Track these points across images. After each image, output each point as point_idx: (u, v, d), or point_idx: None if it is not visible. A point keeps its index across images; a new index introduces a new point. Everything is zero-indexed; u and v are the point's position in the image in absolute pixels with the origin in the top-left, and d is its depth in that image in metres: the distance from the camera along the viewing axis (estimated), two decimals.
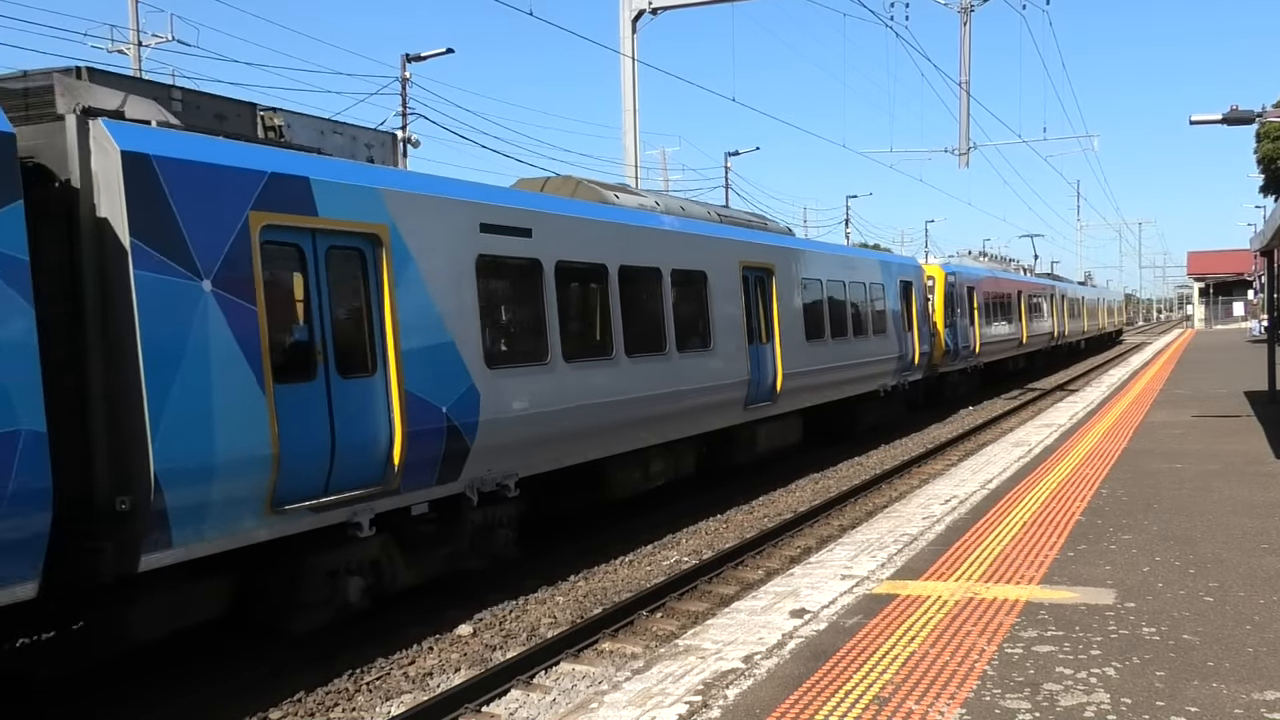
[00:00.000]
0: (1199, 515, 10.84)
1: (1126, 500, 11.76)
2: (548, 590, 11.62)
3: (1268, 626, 7.12)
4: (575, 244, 12.46)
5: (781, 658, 6.85)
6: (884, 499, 16.19)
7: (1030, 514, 11.15)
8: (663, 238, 14.57)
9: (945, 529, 10.63)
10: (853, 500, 16.20)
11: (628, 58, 25.83)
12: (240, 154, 8.37)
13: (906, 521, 11.19)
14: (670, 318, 14.35)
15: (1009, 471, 14.19)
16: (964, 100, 32.51)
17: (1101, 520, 10.68)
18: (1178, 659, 6.52)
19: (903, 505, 12.53)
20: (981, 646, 6.86)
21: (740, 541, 13.35)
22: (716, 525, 14.81)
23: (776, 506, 16.06)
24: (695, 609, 10.77)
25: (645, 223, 14.34)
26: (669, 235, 14.76)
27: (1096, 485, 12.77)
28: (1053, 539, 9.91)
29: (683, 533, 14.42)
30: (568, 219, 12.45)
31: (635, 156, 25.77)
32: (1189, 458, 14.75)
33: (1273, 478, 12.99)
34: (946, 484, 13.67)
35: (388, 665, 9.31)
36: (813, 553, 11.37)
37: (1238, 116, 18.79)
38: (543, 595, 11.43)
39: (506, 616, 10.65)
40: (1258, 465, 14.01)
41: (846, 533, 11.81)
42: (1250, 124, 20.27)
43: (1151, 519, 10.70)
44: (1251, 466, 13.91)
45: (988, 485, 13.14)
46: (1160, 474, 13.52)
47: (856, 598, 8.19)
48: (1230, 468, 13.86)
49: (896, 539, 10.26)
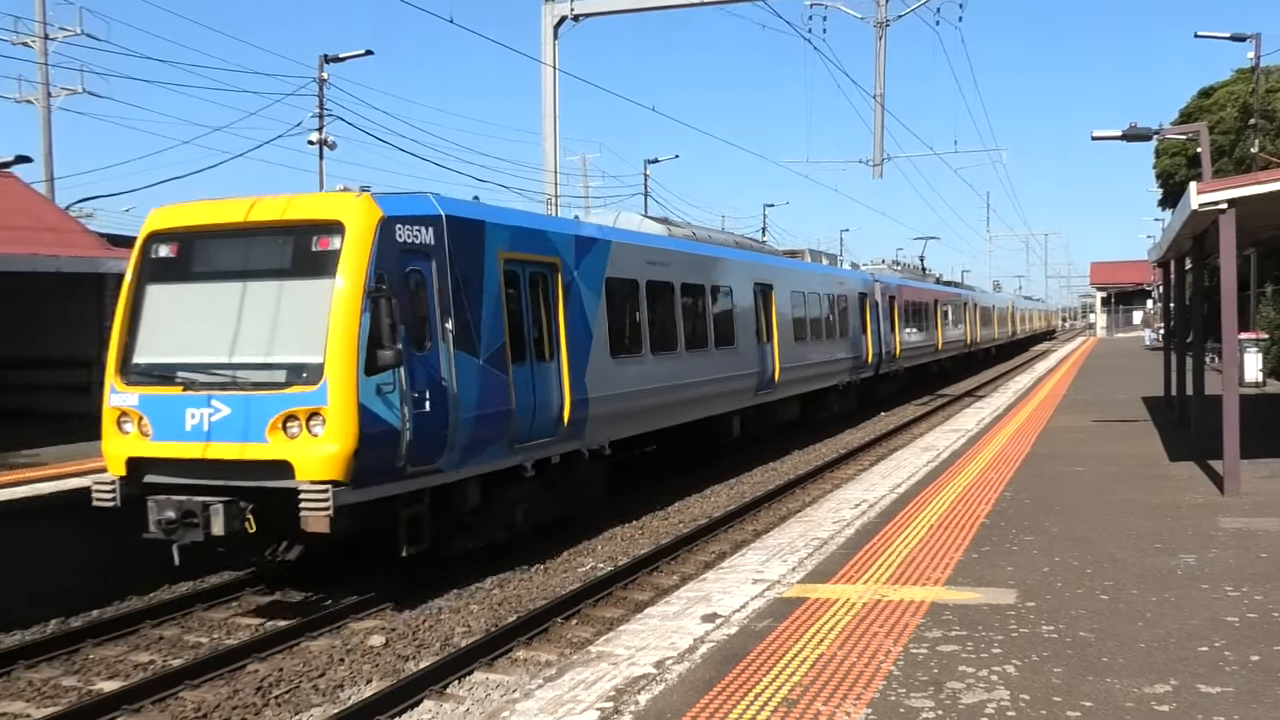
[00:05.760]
0: (1097, 517, 11.15)
1: (1029, 503, 12.04)
2: (463, 599, 11.54)
3: (1158, 623, 7.36)
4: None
5: (693, 662, 6.89)
6: (797, 504, 16.36)
7: (937, 517, 11.36)
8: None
9: (855, 533, 10.77)
10: (767, 505, 16.36)
11: (549, 66, 25.78)
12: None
13: (818, 526, 11.31)
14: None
15: (918, 475, 14.44)
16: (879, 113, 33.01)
17: (1005, 523, 10.92)
18: (1074, 656, 6.71)
19: (815, 510, 12.67)
20: (888, 647, 6.98)
21: (656, 548, 13.40)
22: (632, 532, 14.84)
23: (692, 512, 16.15)
24: (610, 615, 10.78)
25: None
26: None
27: (1001, 488, 13.05)
28: (958, 541, 10.11)
29: (599, 539, 14.42)
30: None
31: (555, 163, 25.73)
32: (1089, 461, 15.15)
33: (1166, 480, 13.41)
34: (857, 488, 13.85)
35: (297, 677, 9.17)
36: (726, 557, 11.44)
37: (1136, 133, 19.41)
38: (457, 604, 11.35)
39: (420, 626, 10.55)
40: (1153, 468, 14.45)
41: (760, 537, 11.91)
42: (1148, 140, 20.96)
43: (1052, 521, 10.97)
44: (1147, 469, 14.33)
45: (897, 489, 13.35)
46: (1062, 477, 13.86)
47: (768, 601, 8.27)
48: (1127, 471, 14.27)
49: (808, 543, 10.38)
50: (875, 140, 30.15)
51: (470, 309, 11.78)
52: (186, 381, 10.59)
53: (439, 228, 11.47)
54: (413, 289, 11.03)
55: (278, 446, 10.16)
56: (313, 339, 10.32)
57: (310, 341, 10.32)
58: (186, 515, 10.22)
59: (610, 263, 15.28)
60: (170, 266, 11.24)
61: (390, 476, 10.61)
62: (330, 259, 10.52)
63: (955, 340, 45.85)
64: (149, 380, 10.80)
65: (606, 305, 14.97)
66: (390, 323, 10.33)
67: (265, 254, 10.89)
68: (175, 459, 10.48)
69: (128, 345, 11.12)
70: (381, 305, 10.34)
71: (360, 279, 10.41)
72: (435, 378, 11.09)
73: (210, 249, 11.17)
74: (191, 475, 10.43)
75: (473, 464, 11.88)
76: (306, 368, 10.27)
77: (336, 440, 10.07)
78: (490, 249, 12.35)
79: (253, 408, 10.23)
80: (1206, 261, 19.37)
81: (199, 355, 10.77)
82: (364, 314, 10.31)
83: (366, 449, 10.19)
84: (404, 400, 10.59)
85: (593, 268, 14.77)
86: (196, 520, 10.17)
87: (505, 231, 12.75)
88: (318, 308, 10.38)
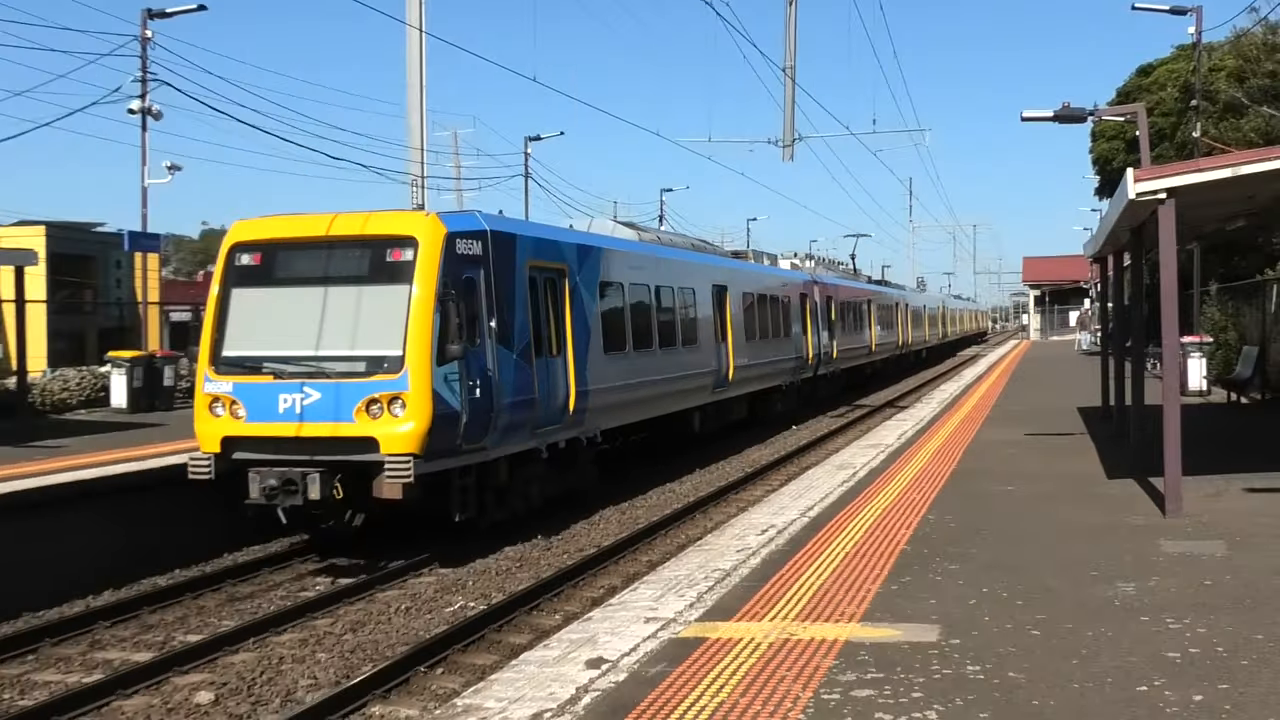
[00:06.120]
0: (1029, 541, 11.42)
1: (955, 527, 12.28)
2: (308, 646, 11.30)
3: (1094, 659, 7.54)
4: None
5: (575, 715, 6.83)
6: (697, 530, 16.44)
7: (853, 544, 11.50)
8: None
9: (761, 562, 10.85)
10: (663, 532, 16.42)
11: (414, 28, 25.49)
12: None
13: (719, 555, 11.37)
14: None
15: (832, 497, 14.63)
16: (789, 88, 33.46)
17: (928, 549, 11.10)
18: (1003, 699, 6.82)
19: (716, 537, 12.74)
20: (796, 693, 7.02)
21: (536, 582, 13.32)
22: (509, 564, 14.73)
23: (578, 542, 16.09)
24: (481, 662, 10.67)
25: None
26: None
27: (924, 511, 13.27)
28: (876, 571, 10.25)
29: (468, 571, 14.31)
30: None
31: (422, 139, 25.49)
32: (1021, 479, 15.53)
33: (1104, 499, 13.80)
34: (765, 512, 13.97)
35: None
36: (617, 593, 11.43)
37: (1069, 114, 19.97)
38: (302, 652, 11.11)
39: (257, 679, 10.30)
40: (1090, 486, 14.86)
41: (655, 569, 11.92)
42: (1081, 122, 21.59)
43: (980, 547, 11.20)
44: (1084, 487, 14.75)
45: (809, 513, 13.50)
46: (991, 497, 14.17)
47: (662, 643, 8.26)
48: (1062, 489, 14.65)
49: (708, 575, 10.42)
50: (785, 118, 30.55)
51: (507, 310, 15.47)
52: (275, 371, 14.01)
53: (485, 241, 15.15)
54: (467, 293, 14.60)
55: (363, 425, 13.63)
56: (392, 335, 13.84)
57: (390, 337, 13.84)
58: (287, 483, 13.58)
59: (602, 268, 19.26)
60: (254, 273, 14.73)
61: (451, 453, 14.17)
62: (405, 268, 14.07)
63: (887, 343, 49.01)
64: (240, 370, 14.17)
65: (600, 306, 18.92)
66: (457, 322, 14.09)
67: (346, 263, 14.45)
68: (268, 437, 13.88)
69: (218, 340, 14.56)
70: (449, 307, 14.01)
71: (432, 285, 13.97)
72: (484, 369, 14.72)
73: (293, 258, 14.71)
74: (282, 451, 13.80)
75: (506, 445, 15.54)
76: (387, 359, 13.79)
77: (415, 419, 13.60)
78: (520, 258, 16.14)
79: (342, 393, 13.71)
80: (1147, 257, 20.00)
81: (285, 349, 14.22)
82: (435, 315, 13.87)
83: (436, 428, 13.75)
84: (463, 388, 14.17)
85: (590, 272, 18.68)
86: (296, 488, 13.55)
87: (531, 242, 16.70)
88: (395, 309, 13.89)
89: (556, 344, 17.11)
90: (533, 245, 16.67)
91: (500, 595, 13.06)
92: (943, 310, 79.35)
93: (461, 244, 14.62)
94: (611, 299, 19.63)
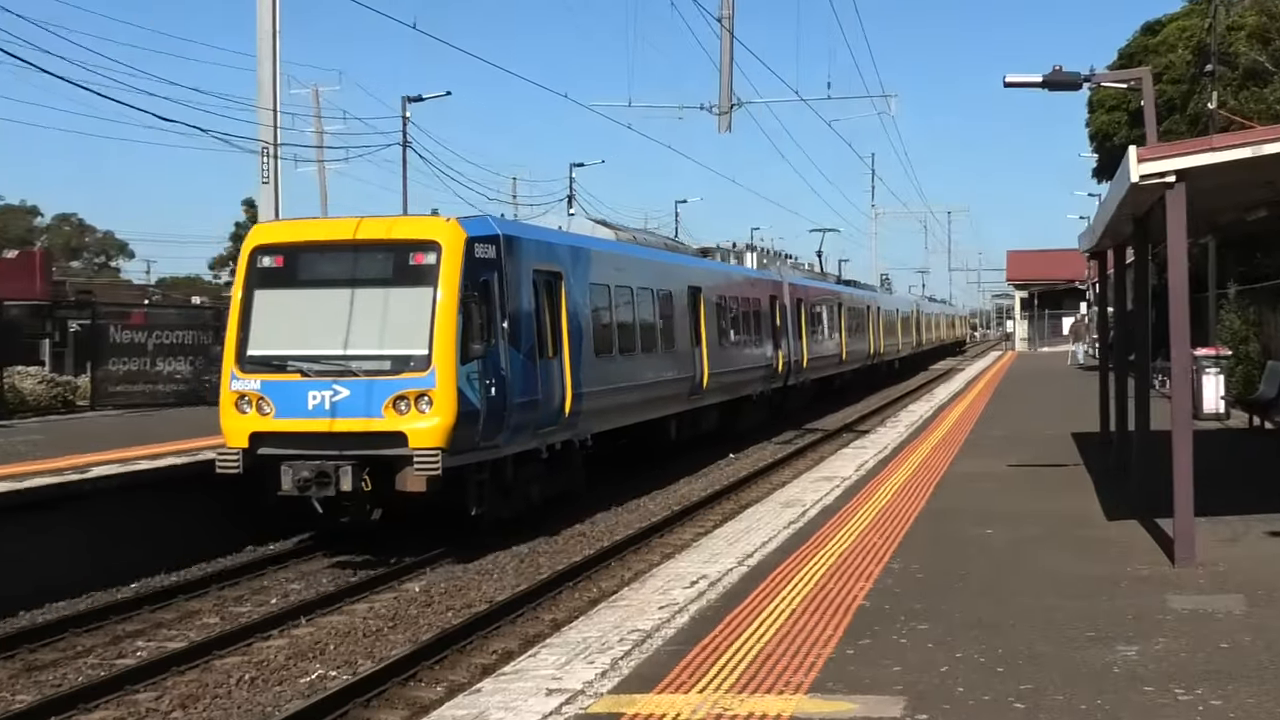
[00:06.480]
0: (1012, 596, 11.57)
1: (923, 578, 12.41)
2: None
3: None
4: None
5: None
6: (612, 581, 16.50)
7: (801, 598, 11.56)
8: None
9: (690, 621, 10.88)
10: (571, 585, 16.44)
11: None
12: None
13: (639, 612, 11.40)
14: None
15: (776, 541, 14.72)
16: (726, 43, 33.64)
17: (891, 605, 11.20)
18: None
19: (636, 590, 12.77)
20: None
21: (414, 647, 13.27)
22: (379, 623, 14.67)
23: (466, 596, 16.06)
24: None
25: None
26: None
27: (887, 558, 13.40)
28: (829, 631, 10.32)
29: (327, 630, 14.20)
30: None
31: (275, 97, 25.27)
32: (1003, 520, 15.73)
33: (1102, 544, 14.04)
34: (695, 559, 14.02)
35: None
36: (514, 658, 11.41)
37: (1061, 80, 20.31)
38: None
39: None
40: (1085, 528, 15.11)
41: (560, 630, 11.93)
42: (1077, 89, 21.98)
43: (953, 602, 11.32)
44: (1078, 529, 14.99)
45: (748, 560, 13.57)
46: (967, 542, 14.36)
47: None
48: (1052, 532, 14.89)
49: (624, 637, 10.44)
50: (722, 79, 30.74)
51: (516, 312, 19.05)
52: (302, 369, 17.41)
53: (498, 245, 18.80)
54: (484, 295, 18.17)
55: (391, 421, 16.99)
56: (418, 335, 17.29)
57: (416, 337, 17.30)
58: (320, 475, 16.83)
59: (593, 270, 23.13)
60: (276, 275, 18.19)
61: (470, 448, 17.66)
62: (429, 271, 17.54)
63: (858, 351, 52.10)
64: (267, 369, 17.55)
65: (590, 308, 22.80)
66: (479, 323, 17.81)
67: (371, 265, 18.03)
68: (297, 432, 17.26)
69: (242, 340, 17.92)
70: (471, 308, 17.63)
71: (455, 287, 17.44)
72: (498, 369, 18.26)
73: (316, 260, 18.34)
74: (310, 445, 17.13)
75: (514, 444, 19.13)
76: (413, 358, 17.25)
77: (442, 415, 16.99)
78: (526, 261, 19.89)
79: (374, 390, 17.09)
80: (1153, 253, 20.35)
81: (311, 348, 17.73)
82: (459, 315, 17.34)
83: (460, 424, 17.17)
84: (481, 386, 17.66)
85: (581, 274, 22.47)
86: (329, 479, 16.81)
87: (534, 245, 20.60)
88: (420, 310, 17.33)
89: (554, 346, 20.80)
90: (535, 248, 20.65)
91: (369, 663, 12.97)
92: (917, 315, 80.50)
93: (479, 248, 18.17)
94: (599, 301, 23.56)
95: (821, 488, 19.43)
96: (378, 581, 16.76)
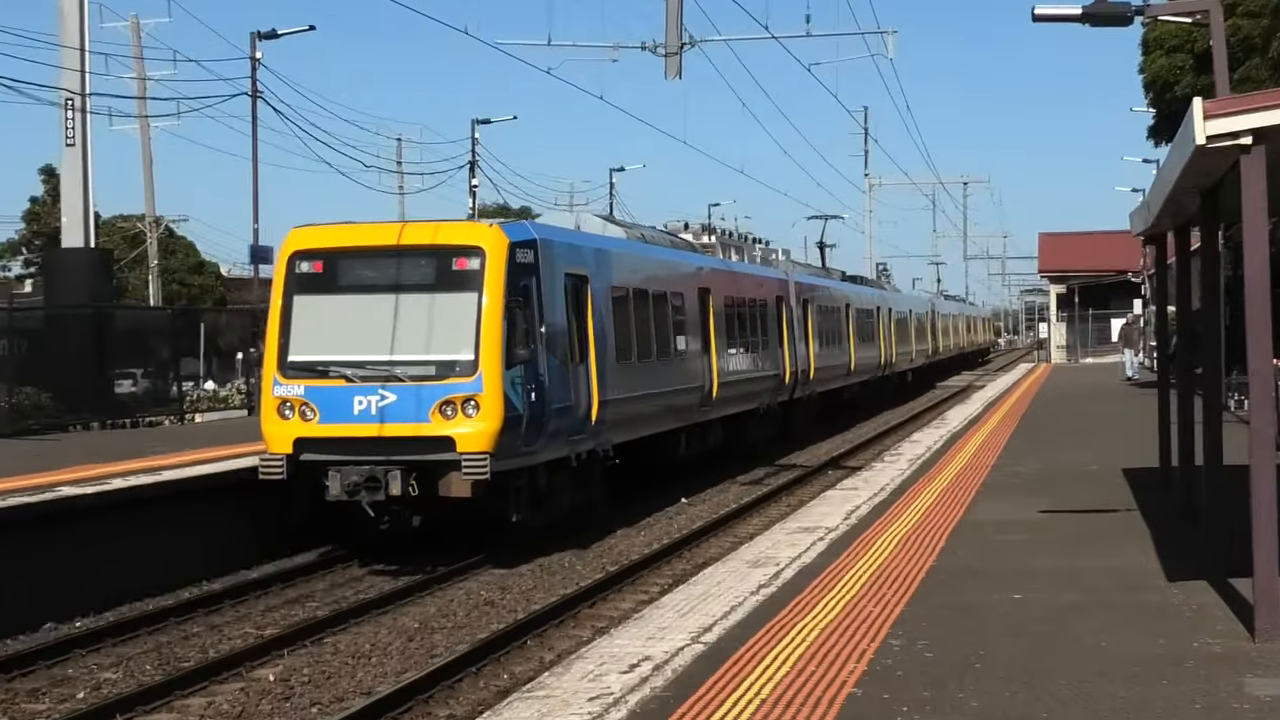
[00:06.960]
0: (1046, 681, 11.34)
1: (932, 657, 12.26)
2: None
3: None
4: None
5: None
6: (530, 665, 16.47)
7: (772, 687, 11.39)
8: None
9: (628, 718, 10.68)
10: (475, 669, 16.30)
11: None
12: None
13: (562, 706, 11.27)
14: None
15: (741, 611, 14.64)
16: None
17: (890, 694, 11.03)
18: None
19: (559, 676, 12.64)
20: None
21: None
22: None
23: (337, 688, 15.89)
24: None
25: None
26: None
27: (884, 632, 13.27)
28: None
29: None
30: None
31: (83, 33, 24.89)
32: (1035, 582, 15.63)
33: (1161, 614, 13.88)
34: (636, 635, 13.97)
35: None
36: None
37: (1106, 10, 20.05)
38: None
39: None
40: (1140, 592, 14.98)
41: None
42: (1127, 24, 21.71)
43: (971, 691, 11.12)
44: (1131, 595, 14.86)
45: (703, 637, 13.46)
46: (987, 611, 14.22)
47: None
48: (1098, 597, 14.76)
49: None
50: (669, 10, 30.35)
51: (552, 317, 23.38)
52: (346, 374, 21.66)
53: (536, 250, 23.15)
54: (524, 300, 22.40)
55: (439, 425, 21.29)
56: (464, 340, 21.58)
57: (462, 342, 21.61)
58: (370, 480, 20.99)
59: (613, 272, 27.68)
60: (316, 280, 22.51)
61: (513, 453, 21.90)
62: (474, 277, 21.85)
63: (868, 361, 55.72)
64: (310, 374, 21.84)
65: (612, 312, 27.05)
66: (524, 328, 22.01)
67: (414, 271, 22.36)
68: (344, 438, 21.45)
69: (283, 345, 22.22)
70: (515, 314, 21.84)
71: (500, 293, 21.68)
72: (538, 374, 22.63)
73: (356, 266, 22.74)
74: (356, 451, 21.29)
75: (549, 450, 23.41)
76: (459, 363, 21.56)
77: (489, 420, 21.25)
78: (559, 264, 24.24)
79: (421, 395, 21.32)
80: (1226, 236, 20.13)
81: (353, 353, 22.02)
82: (504, 320, 21.55)
83: (506, 429, 21.46)
84: (524, 391, 21.99)
85: (604, 277, 26.83)
86: (378, 484, 20.99)
87: (565, 249, 25.03)
88: (465, 315, 21.59)
89: (580, 351, 24.99)
90: (566, 251, 25.04)
91: None
92: (932, 316, 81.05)
93: (520, 253, 22.46)
94: (620, 305, 27.92)
95: (800, 542, 19.36)
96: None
